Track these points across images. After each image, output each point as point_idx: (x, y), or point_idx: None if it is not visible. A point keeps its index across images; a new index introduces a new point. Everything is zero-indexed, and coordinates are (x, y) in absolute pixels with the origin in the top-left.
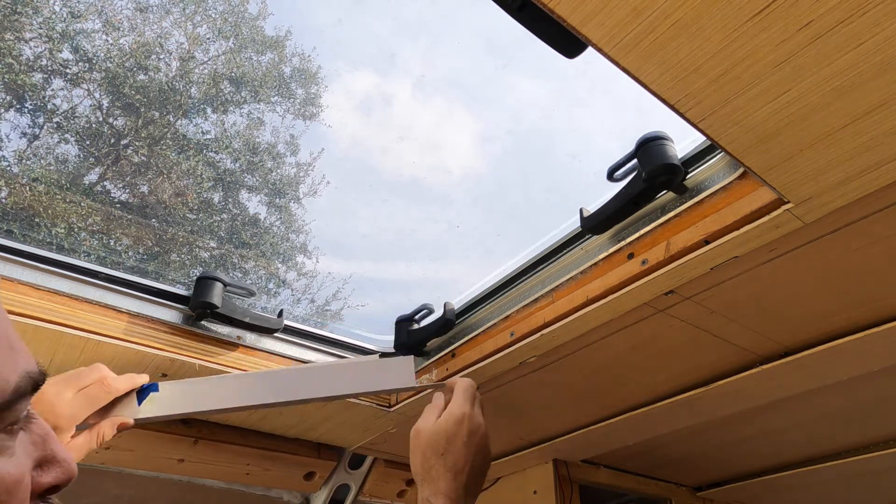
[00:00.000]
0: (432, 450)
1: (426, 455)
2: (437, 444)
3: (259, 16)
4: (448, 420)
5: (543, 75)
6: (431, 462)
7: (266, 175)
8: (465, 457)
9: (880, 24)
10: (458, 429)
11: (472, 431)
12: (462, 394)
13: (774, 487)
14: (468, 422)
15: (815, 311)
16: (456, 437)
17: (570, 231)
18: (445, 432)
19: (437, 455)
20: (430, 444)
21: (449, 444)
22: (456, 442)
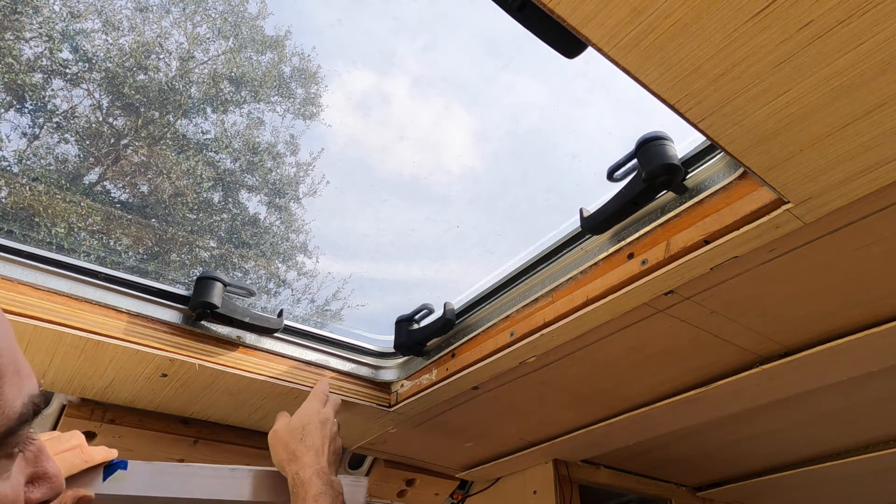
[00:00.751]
0: (291, 437)
1: (287, 444)
2: (295, 433)
3: (259, 15)
4: (301, 414)
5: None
6: (293, 447)
7: (266, 175)
8: (322, 439)
9: (880, 24)
10: (311, 419)
11: (324, 421)
12: (312, 395)
13: (774, 487)
14: (318, 414)
15: (815, 311)
16: (310, 425)
17: (570, 231)
18: (300, 423)
19: (297, 440)
20: (289, 434)
21: (305, 430)
22: (310, 428)
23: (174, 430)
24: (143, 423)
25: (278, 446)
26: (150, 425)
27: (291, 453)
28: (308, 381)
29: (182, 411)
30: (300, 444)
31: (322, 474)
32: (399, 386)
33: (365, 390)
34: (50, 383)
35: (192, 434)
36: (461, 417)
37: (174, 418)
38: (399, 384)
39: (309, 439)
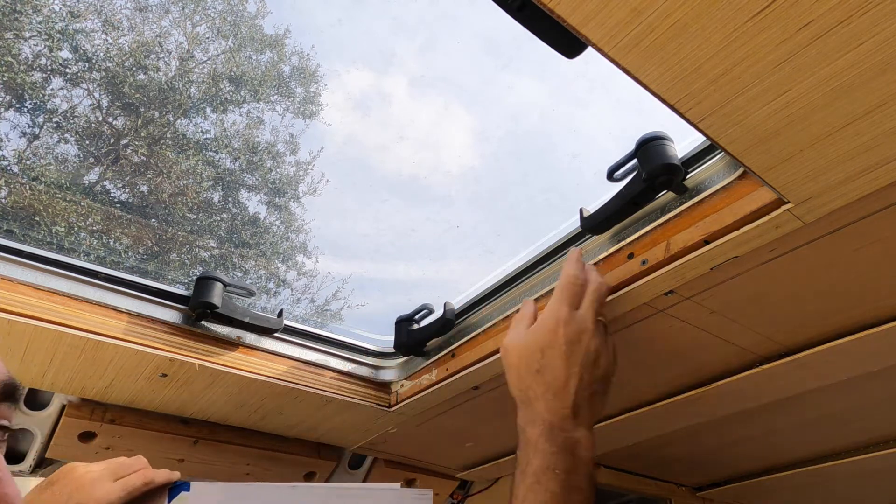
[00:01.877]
0: (525, 367)
1: (520, 374)
2: (530, 360)
3: (258, 14)
4: (540, 329)
5: (543, 75)
6: (527, 382)
7: (265, 174)
8: (567, 370)
9: (880, 24)
10: (553, 338)
11: (574, 339)
12: (559, 293)
13: (774, 487)
14: (565, 327)
15: (815, 311)
16: (552, 348)
17: (570, 231)
18: (537, 344)
19: (532, 373)
20: (523, 361)
21: (544, 357)
22: (552, 354)
23: (174, 430)
24: (143, 423)
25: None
26: (150, 425)
27: (522, 392)
28: (308, 381)
29: (182, 411)
30: (534, 378)
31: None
32: (399, 386)
33: (365, 390)
34: (50, 383)
35: (192, 434)
36: (461, 417)
37: (174, 418)
38: (399, 384)
39: (548, 373)
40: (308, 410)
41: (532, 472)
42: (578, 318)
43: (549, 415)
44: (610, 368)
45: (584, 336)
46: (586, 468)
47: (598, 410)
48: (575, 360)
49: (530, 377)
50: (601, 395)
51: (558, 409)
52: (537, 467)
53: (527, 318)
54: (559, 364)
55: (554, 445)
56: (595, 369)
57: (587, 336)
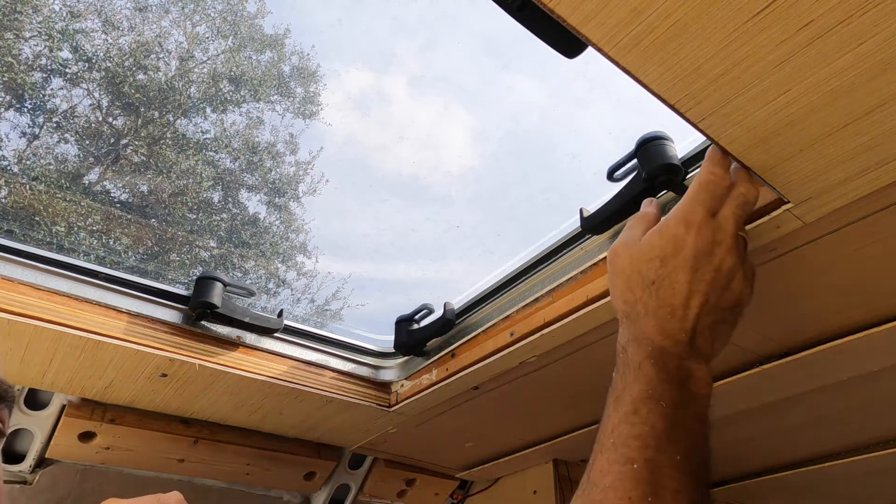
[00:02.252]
0: (639, 276)
1: (630, 283)
2: (647, 268)
3: (258, 14)
4: (664, 232)
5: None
6: (637, 293)
7: (265, 174)
8: (690, 287)
9: (880, 24)
10: (679, 245)
11: (706, 249)
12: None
13: (775, 487)
14: (697, 234)
15: (815, 311)
16: (675, 257)
17: (570, 231)
18: (659, 250)
19: (646, 284)
20: (636, 268)
21: (664, 266)
22: (674, 264)
23: (174, 430)
24: (143, 423)
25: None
26: (150, 425)
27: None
28: (308, 381)
29: (182, 411)
30: (647, 290)
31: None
32: (399, 386)
33: (365, 390)
34: (50, 383)
35: (192, 434)
36: (461, 417)
37: (174, 418)
38: (399, 384)
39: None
40: (308, 410)
41: (630, 400)
42: (715, 225)
43: (660, 335)
44: (745, 295)
45: (718, 249)
46: (699, 406)
47: (721, 343)
48: (702, 275)
49: (642, 289)
50: (727, 326)
51: (673, 331)
52: (637, 394)
53: (647, 220)
54: (682, 278)
55: (663, 371)
56: (726, 292)
57: (722, 249)
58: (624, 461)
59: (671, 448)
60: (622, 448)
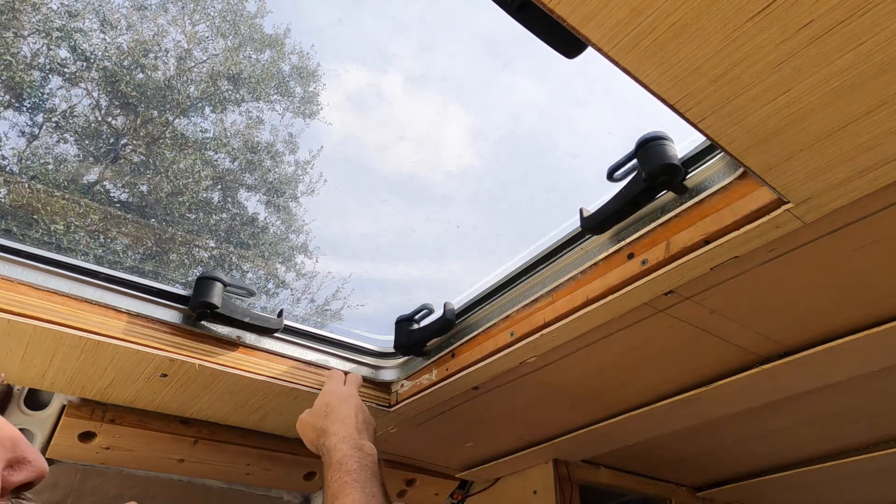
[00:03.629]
0: (316, 417)
1: (314, 424)
2: (319, 412)
3: (258, 14)
4: (322, 396)
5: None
6: (319, 424)
7: (265, 174)
8: (347, 410)
9: (880, 24)
10: (332, 397)
11: (346, 397)
12: (329, 379)
13: (774, 487)
14: (339, 391)
15: (815, 311)
16: (333, 402)
17: (570, 231)
18: (323, 402)
19: (322, 417)
20: (313, 415)
21: (329, 407)
22: (334, 404)
23: (174, 430)
24: (143, 423)
25: (307, 430)
26: (150, 425)
27: (320, 430)
28: (308, 380)
29: (182, 411)
30: (325, 419)
31: (349, 439)
32: (399, 386)
33: (365, 390)
34: (50, 383)
35: (192, 434)
36: (461, 417)
37: (174, 418)
38: (399, 384)
39: (334, 414)
40: None
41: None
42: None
43: (343, 431)
44: (370, 419)
45: (352, 396)
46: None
47: (369, 434)
48: (350, 405)
49: (321, 420)
50: (371, 430)
51: (347, 429)
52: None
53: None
54: (342, 406)
55: (347, 444)
56: (362, 413)
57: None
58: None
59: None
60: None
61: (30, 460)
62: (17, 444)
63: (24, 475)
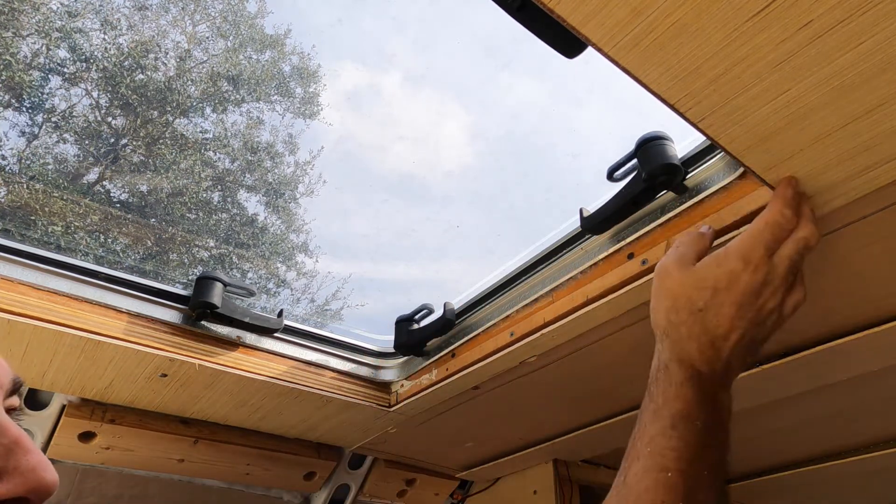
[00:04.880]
0: (687, 300)
1: (677, 305)
2: (696, 296)
3: (258, 14)
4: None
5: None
6: (682, 316)
7: (265, 174)
8: (733, 322)
9: (880, 24)
10: (732, 282)
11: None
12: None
13: (775, 487)
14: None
15: (815, 311)
16: (727, 291)
17: (569, 231)
18: (713, 281)
19: (693, 310)
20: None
21: (714, 297)
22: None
23: (174, 430)
24: (143, 423)
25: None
26: (150, 425)
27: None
28: (308, 380)
29: (182, 411)
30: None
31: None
32: (399, 386)
33: (365, 390)
34: (50, 383)
35: (192, 434)
36: (461, 417)
37: (174, 418)
38: (399, 384)
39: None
40: (308, 410)
41: (668, 415)
42: (770, 266)
43: (700, 360)
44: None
45: (765, 290)
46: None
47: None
48: (745, 313)
49: (689, 313)
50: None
51: (711, 359)
52: (676, 412)
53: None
54: (728, 312)
55: (700, 394)
56: (760, 329)
57: (769, 291)
58: (659, 469)
59: (701, 463)
60: (658, 458)
61: (23, 470)
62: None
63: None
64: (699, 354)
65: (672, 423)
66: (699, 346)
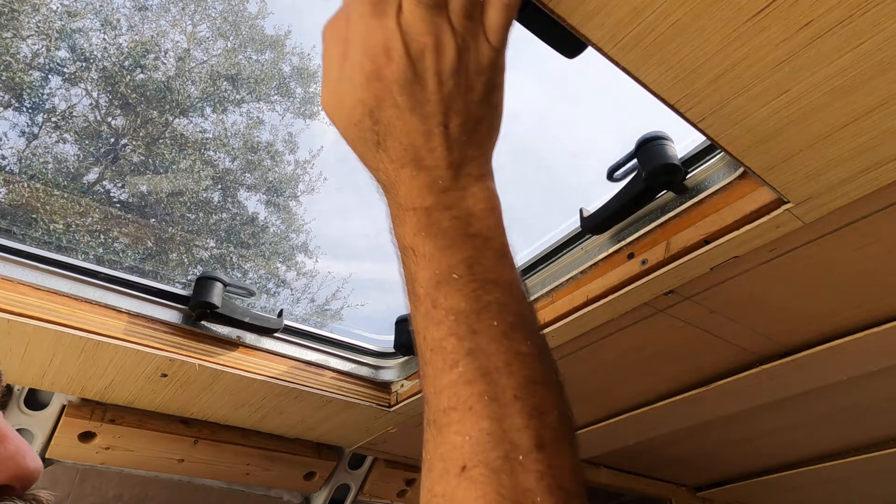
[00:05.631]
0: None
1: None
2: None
3: (258, 15)
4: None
5: (543, 75)
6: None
7: (265, 174)
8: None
9: (880, 24)
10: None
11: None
12: None
13: (774, 487)
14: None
15: (815, 311)
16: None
17: (570, 231)
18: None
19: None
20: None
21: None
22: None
23: (174, 430)
24: (143, 423)
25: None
26: (150, 425)
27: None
28: (308, 380)
29: (182, 411)
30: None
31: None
32: (399, 386)
33: (365, 390)
34: (50, 383)
35: (192, 434)
36: None
37: (174, 418)
38: (399, 384)
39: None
40: (308, 410)
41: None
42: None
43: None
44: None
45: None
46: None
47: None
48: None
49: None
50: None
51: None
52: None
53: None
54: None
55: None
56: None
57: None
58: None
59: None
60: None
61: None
62: None
63: None
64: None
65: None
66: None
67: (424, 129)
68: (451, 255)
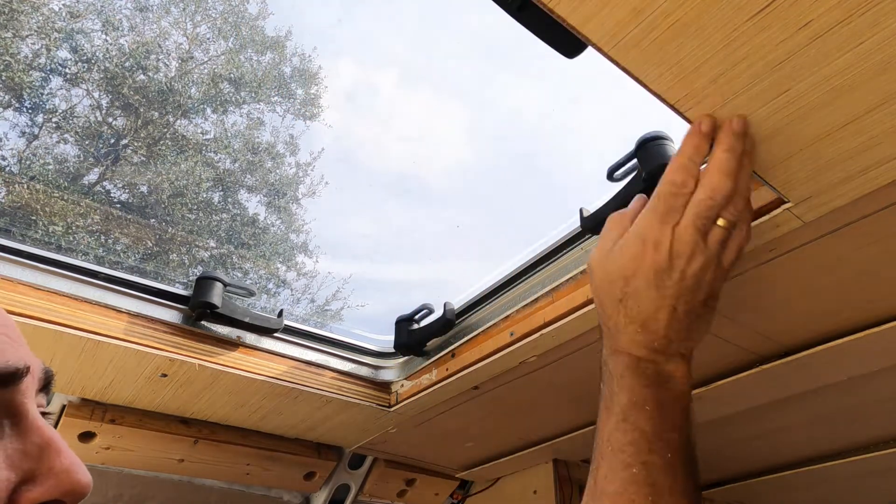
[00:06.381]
0: (607, 294)
1: (602, 301)
2: (612, 287)
3: (259, 16)
4: (624, 250)
5: (543, 75)
6: (609, 311)
7: (265, 175)
8: (656, 303)
9: (880, 24)
10: (638, 265)
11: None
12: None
13: (775, 487)
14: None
15: (815, 311)
16: (636, 277)
17: (570, 231)
18: (621, 269)
19: (614, 302)
20: (604, 286)
21: (628, 285)
22: (636, 284)
23: (174, 430)
24: (143, 423)
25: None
26: (150, 425)
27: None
28: (308, 381)
29: (182, 411)
30: (616, 307)
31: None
32: (399, 386)
33: (365, 390)
34: None
35: (192, 434)
36: (461, 417)
37: (174, 418)
38: (399, 384)
39: (632, 303)
40: (308, 410)
41: (619, 409)
42: (674, 238)
43: (634, 346)
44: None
45: (677, 262)
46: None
47: (699, 334)
48: (666, 290)
49: (612, 306)
50: (704, 319)
51: (646, 342)
52: (624, 403)
53: (622, 223)
54: (646, 295)
55: (642, 378)
56: (695, 294)
57: (682, 262)
58: (623, 467)
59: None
60: (619, 455)
61: (57, 471)
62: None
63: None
64: (631, 342)
65: (623, 416)
66: (629, 334)
67: (659, 304)
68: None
